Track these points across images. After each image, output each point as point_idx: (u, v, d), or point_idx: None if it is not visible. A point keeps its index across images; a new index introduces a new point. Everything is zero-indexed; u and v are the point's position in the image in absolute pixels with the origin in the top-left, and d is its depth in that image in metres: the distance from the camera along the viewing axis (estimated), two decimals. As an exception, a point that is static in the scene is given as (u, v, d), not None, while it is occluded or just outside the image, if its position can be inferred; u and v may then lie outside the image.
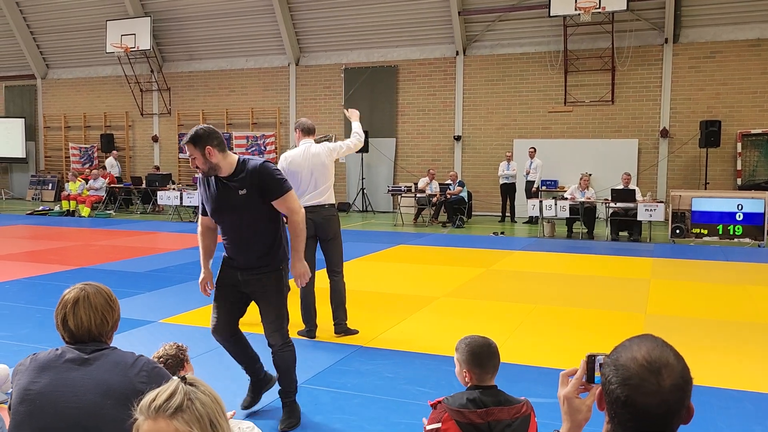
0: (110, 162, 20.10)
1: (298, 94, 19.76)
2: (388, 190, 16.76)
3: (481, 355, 2.55)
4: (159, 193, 16.67)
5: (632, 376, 1.34)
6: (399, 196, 16.34)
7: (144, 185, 17.72)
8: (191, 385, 1.41)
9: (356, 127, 5.91)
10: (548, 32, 16.78)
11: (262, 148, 19.96)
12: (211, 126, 3.69)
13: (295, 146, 5.84)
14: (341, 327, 5.80)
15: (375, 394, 4.39)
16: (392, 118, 18.58)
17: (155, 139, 21.70)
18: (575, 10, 15.40)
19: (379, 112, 18.65)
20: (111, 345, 2.31)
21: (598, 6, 15.21)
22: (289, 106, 19.88)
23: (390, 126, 18.58)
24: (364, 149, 17.76)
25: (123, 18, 20.26)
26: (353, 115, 5.96)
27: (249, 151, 20.11)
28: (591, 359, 1.56)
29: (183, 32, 20.51)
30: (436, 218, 15.85)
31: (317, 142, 5.89)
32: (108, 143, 21.22)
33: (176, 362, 3.46)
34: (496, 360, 2.58)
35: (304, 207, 5.58)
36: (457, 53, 17.75)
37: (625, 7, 15.19)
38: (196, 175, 16.90)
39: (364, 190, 18.21)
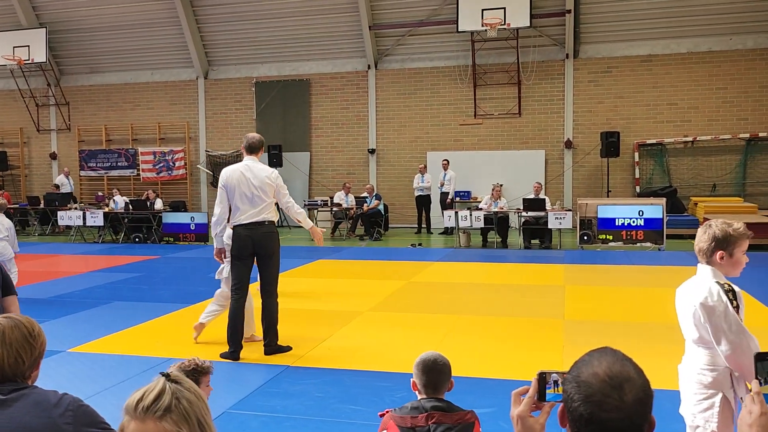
0: (61, 180, 18.57)
1: (207, 108, 19.26)
2: (304, 205, 16.57)
3: (424, 367, 2.63)
4: (59, 213, 15.75)
5: (595, 393, 1.32)
6: (315, 211, 16.21)
7: (42, 205, 16.68)
8: (176, 382, 1.38)
9: (305, 221, 6.13)
10: (457, 47, 17.20)
11: (171, 164, 19.30)
12: None
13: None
14: (271, 348, 5.68)
15: (307, 416, 4.27)
16: (306, 131, 18.44)
17: (53, 156, 20.52)
18: (482, 26, 15.88)
19: (292, 125, 18.47)
20: (32, 384, 2.10)
21: (503, 22, 15.75)
22: (199, 120, 19.34)
23: (304, 140, 18.43)
24: (278, 163, 17.54)
25: (15, 29, 19.10)
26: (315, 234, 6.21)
27: (156, 167, 19.40)
28: (542, 377, 1.55)
29: (82, 44, 19.57)
30: (353, 232, 15.82)
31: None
32: (1, 161, 19.87)
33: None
34: (439, 377, 2.60)
35: (243, 224, 5.51)
36: (369, 67, 17.87)
37: (528, 24, 15.81)
38: (99, 193, 16.01)
39: (279, 205, 17.90)
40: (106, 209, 15.61)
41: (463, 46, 17.02)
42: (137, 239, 14.96)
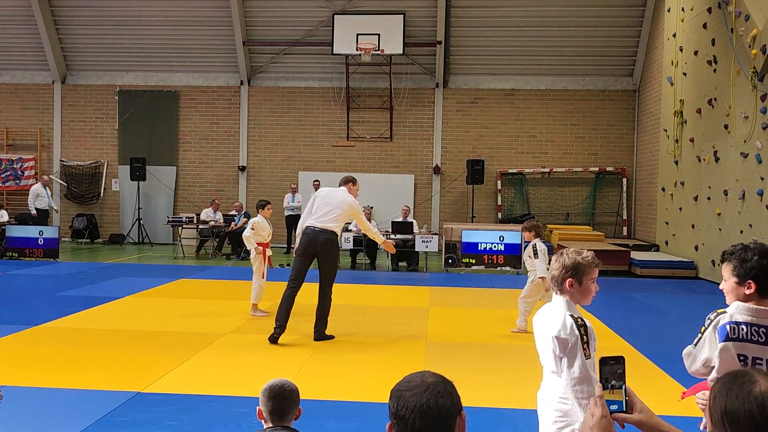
0: (36, 190, 15.53)
1: (64, 116, 17.99)
2: (168, 221, 15.87)
3: (270, 394, 2.51)
4: None
5: (404, 380, 1.71)
6: (180, 228, 15.54)
7: None
8: None
9: (377, 237, 7.40)
10: (332, 69, 17.32)
11: (19, 173, 17.77)
12: None
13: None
14: (319, 335, 6.84)
15: (156, 446, 4.00)
16: (173, 145, 17.71)
17: None
18: (356, 50, 16.13)
19: (158, 138, 17.68)
20: None
21: (377, 48, 16.08)
22: (54, 127, 18.01)
23: (170, 154, 17.69)
24: (141, 177, 16.70)
25: None
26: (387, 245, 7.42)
27: (2, 176, 17.78)
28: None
29: None
30: (220, 250, 15.33)
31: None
32: None
33: None
34: (286, 404, 2.49)
35: (313, 226, 6.77)
36: (242, 83, 17.54)
37: (401, 52, 16.27)
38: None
39: (141, 221, 17.03)
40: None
41: (338, 69, 17.17)
42: (-25, 254, 13.59)
